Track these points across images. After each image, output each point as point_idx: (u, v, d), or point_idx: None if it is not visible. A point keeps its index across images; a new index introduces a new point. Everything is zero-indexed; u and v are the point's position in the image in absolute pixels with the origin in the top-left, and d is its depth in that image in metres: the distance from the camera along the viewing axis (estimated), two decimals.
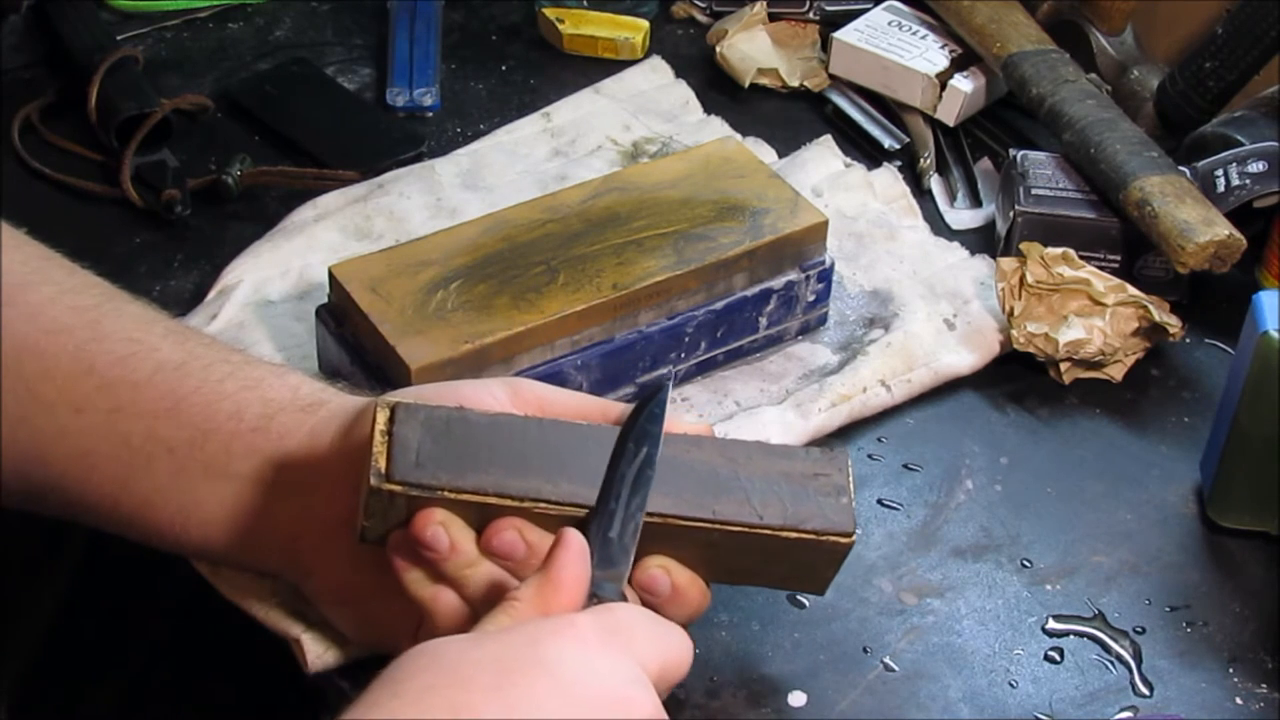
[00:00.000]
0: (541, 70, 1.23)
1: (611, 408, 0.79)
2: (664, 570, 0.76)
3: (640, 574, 0.76)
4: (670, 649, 0.69)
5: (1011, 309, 0.98)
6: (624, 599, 0.71)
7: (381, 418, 0.73)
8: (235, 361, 0.81)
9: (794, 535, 0.75)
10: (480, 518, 0.74)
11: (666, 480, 0.75)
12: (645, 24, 1.25)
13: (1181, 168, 1.03)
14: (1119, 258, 1.03)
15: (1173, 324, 0.99)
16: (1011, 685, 0.83)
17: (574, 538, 0.69)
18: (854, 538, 0.76)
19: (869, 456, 0.95)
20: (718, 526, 0.75)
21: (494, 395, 0.77)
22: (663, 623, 0.70)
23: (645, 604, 0.76)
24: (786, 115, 1.20)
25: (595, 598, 0.69)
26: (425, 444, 0.73)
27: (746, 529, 0.75)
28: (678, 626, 0.71)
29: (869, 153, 1.17)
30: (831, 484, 0.77)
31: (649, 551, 0.76)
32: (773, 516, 0.75)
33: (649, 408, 0.74)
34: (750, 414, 0.94)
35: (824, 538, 0.76)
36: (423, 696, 0.61)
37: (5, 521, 0.84)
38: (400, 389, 0.82)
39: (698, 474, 0.75)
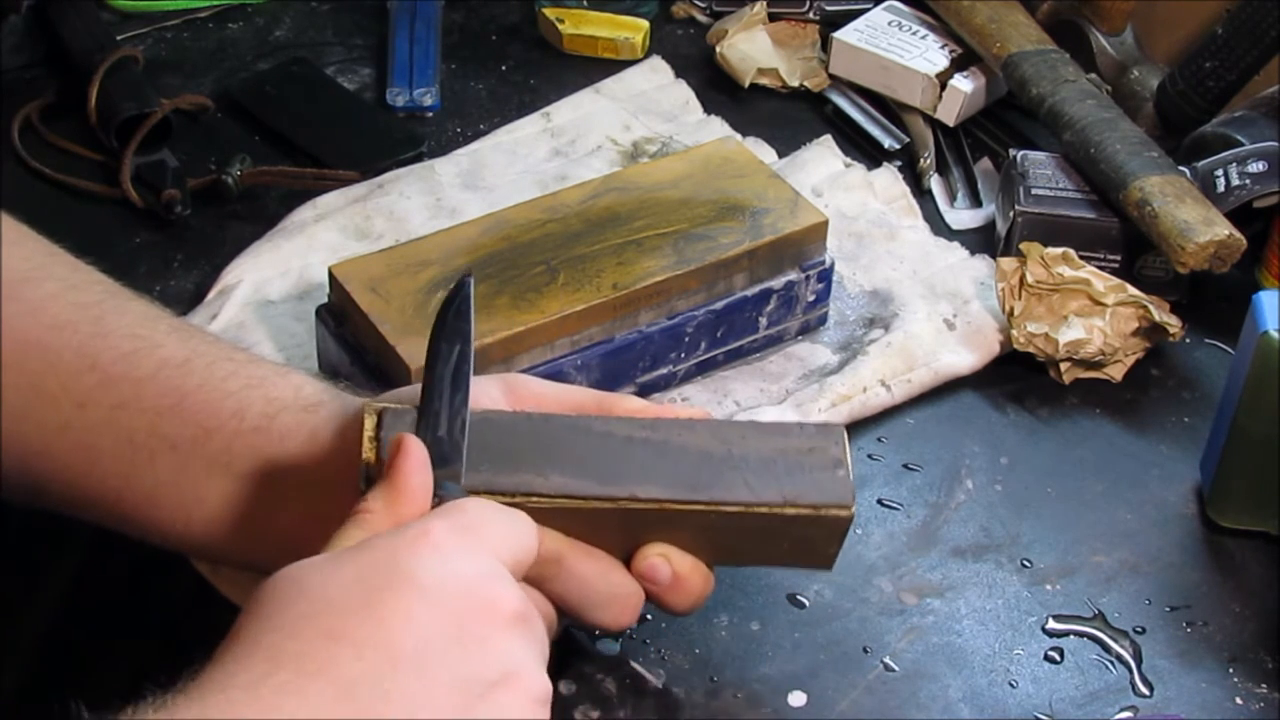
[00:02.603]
0: (541, 70, 1.23)
1: (607, 400, 0.79)
2: (664, 558, 0.76)
3: (640, 562, 0.76)
4: (520, 536, 0.69)
5: (1011, 309, 0.98)
6: (464, 494, 0.71)
7: (369, 423, 0.73)
8: (239, 360, 0.81)
9: (792, 512, 0.75)
10: None
11: (660, 465, 0.74)
12: (645, 24, 1.25)
13: (1181, 168, 1.03)
14: (1119, 258, 1.03)
15: (1173, 324, 0.99)
16: (1011, 685, 0.83)
17: (414, 444, 0.69)
18: (853, 510, 0.75)
19: (869, 456, 0.95)
20: (714, 509, 0.74)
21: (488, 393, 0.77)
22: (506, 511, 0.70)
23: (647, 593, 0.77)
24: (786, 115, 1.20)
25: (438, 498, 0.70)
26: None
27: (743, 509, 0.74)
28: (519, 511, 0.71)
29: (869, 153, 1.17)
30: (828, 457, 0.76)
31: (647, 538, 0.76)
32: (769, 494, 0.74)
33: (455, 305, 0.74)
34: (750, 414, 0.94)
35: (823, 512, 0.75)
36: (297, 628, 0.61)
37: (6, 521, 0.84)
38: (394, 390, 0.82)
39: (691, 457, 0.75)
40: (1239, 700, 0.83)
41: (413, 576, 0.63)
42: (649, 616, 0.83)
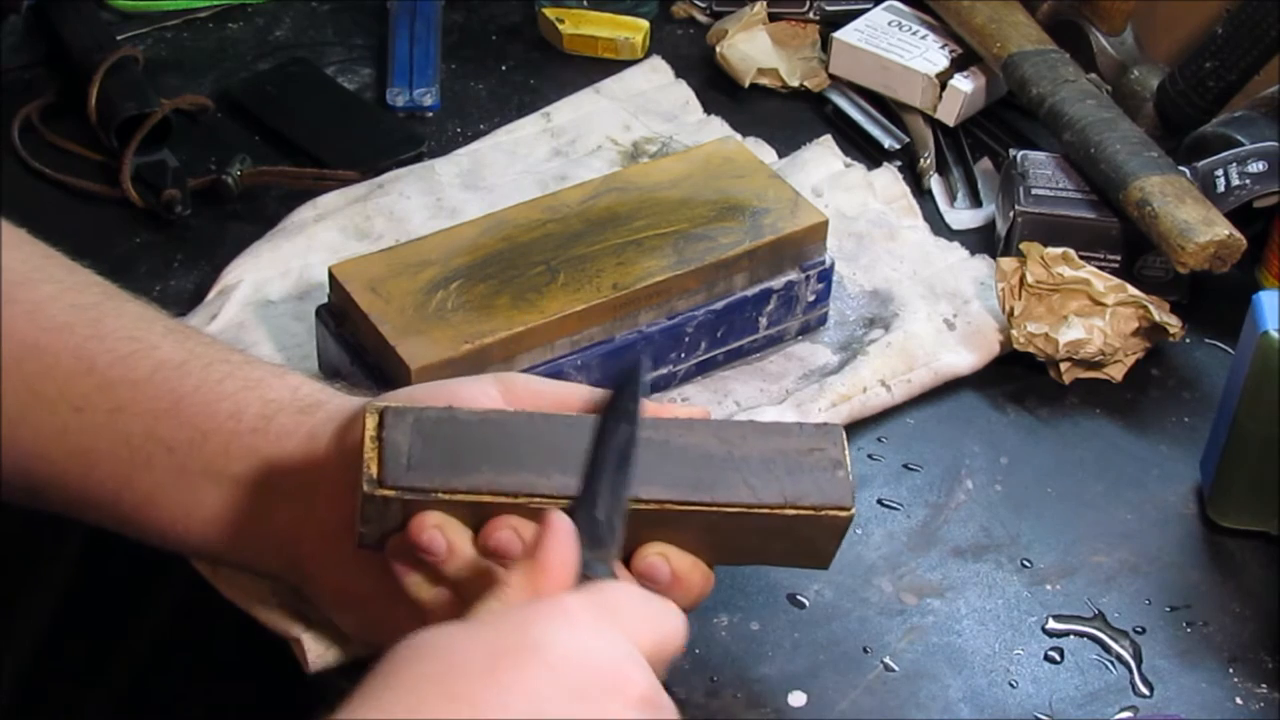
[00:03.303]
0: (541, 70, 1.23)
1: (606, 397, 0.79)
2: (663, 557, 0.76)
3: (639, 561, 0.76)
4: (663, 624, 0.68)
5: (1011, 309, 0.98)
6: (614, 577, 0.70)
7: (371, 423, 0.73)
8: (235, 361, 0.81)
9: (792, 512, 0.75)
10: (476, 517, 0.73)
11: (661, 465, 0.75)
12: (645, 24, 1.25)
13: (1181, 168, 1.03)
14: (1119, 258, 1.03)
15: (1173, 324, 0.99)
16: (1011, 685, 0.83)
17: (560, 520, 0.68)
18: (853, 510, 0.76)
19: (869, 456, 0.95)
20: (715, 509, 0.75)
21: (486, 392, 0.77)
22: (655, 599, 0.69)
23: None
24: (786, 115, 1.20)
25: (586, 578, 0.68)
26: (416, 447, 0.73)
27: (744, 509, 0.75)
28: (670, 602, 0.70)
29: (869, 153, 1.16)
30: (827, 458, 0.76)
31: (647, 538, 0.76)
32: (770, 495, 0.75)
33: (629, 387, 0.73)
34: (750, 414, 0.94)
35: (822, 513, 0.75)
36: (418, 686, 0.61)
37: (3, 521, 0.84)
38: (393, 390, 0.82)
39: (692, 457, 0.75)
40: (1239, 700, 0.83)
41: (541, 647, 0.62)
42: None
